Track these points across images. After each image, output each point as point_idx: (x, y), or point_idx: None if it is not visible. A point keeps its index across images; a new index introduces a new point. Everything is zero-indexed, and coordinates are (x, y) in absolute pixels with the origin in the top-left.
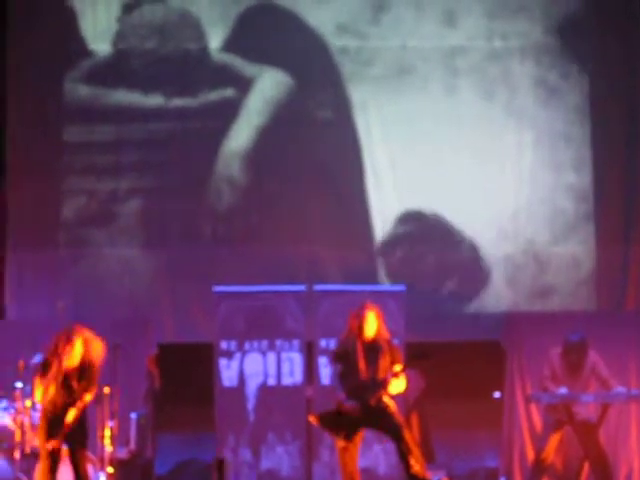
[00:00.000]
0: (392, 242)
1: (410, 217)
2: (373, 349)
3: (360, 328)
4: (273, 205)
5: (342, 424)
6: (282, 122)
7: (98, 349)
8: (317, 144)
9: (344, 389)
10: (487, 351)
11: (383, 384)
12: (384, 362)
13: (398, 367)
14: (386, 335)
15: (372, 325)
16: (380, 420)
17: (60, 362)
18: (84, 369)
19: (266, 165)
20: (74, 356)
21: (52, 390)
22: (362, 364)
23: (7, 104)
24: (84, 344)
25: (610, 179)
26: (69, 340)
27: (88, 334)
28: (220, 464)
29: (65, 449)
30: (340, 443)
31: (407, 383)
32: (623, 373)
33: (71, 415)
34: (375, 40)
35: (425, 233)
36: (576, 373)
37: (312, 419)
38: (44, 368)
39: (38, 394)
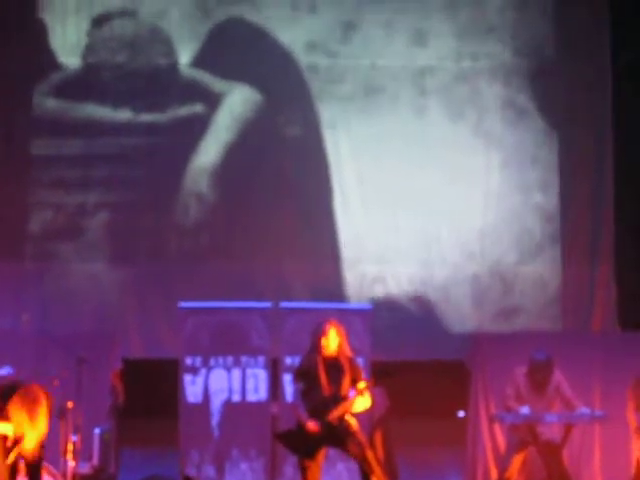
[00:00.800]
0: (358, 260)
1: (377, 236)
2: (334, 366)
3: (321, 345)
4: (240, 221)
5: (304, 442)
6: (250, 139)
7: None
8: (285, 161)
9: (306, 407)
10: (452, 371)
11: (345, 402)
12: (346, 380)
13: (362, 385)
14: (348, 352)
15: (333, 342)
16: (342, 439)
17: None
18: None
19: (234, 181)
20: None
21: None
22: (324, 381)
23: None
24: None
25: (576, 200)
26: None
27: None
28: None
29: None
30: (302, 461)
31: (371, 401)
32: (587, 394)
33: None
34: (345, 58)
35: (391, 254)
36: (540, 392)
37: (275, 437)
38: None
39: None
